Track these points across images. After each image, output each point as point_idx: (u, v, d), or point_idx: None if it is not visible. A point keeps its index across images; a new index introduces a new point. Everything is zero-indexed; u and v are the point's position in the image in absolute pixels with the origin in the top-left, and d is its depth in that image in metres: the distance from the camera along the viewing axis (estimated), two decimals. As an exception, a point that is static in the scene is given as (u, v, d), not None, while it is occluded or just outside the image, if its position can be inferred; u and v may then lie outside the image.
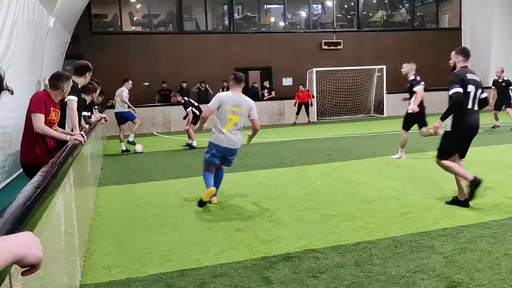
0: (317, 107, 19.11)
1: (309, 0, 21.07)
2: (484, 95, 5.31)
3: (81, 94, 5.65)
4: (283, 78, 20.21)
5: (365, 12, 22.03)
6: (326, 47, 20.39)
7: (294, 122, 17.78)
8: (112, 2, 18.65)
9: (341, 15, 22.11)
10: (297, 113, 17.77)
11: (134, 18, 19.88)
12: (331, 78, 19.45)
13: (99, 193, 6.90)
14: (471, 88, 5.14)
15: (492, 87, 13.55)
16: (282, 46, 20.10)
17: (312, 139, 12.68)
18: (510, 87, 12.98)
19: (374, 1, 23.08)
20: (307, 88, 18.34)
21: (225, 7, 20.61)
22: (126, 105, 11.75)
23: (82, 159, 4.89)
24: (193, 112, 11.32)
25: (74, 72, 5.49)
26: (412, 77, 8.53)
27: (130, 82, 12.23)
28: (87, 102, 6.88)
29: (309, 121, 18.14)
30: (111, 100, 17.40)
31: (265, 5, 22.06)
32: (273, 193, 6.41)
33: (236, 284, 3.47)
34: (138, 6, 20.30)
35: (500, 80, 13.16)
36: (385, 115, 19.45)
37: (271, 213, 5.39)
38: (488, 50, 20.70)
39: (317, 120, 18.88)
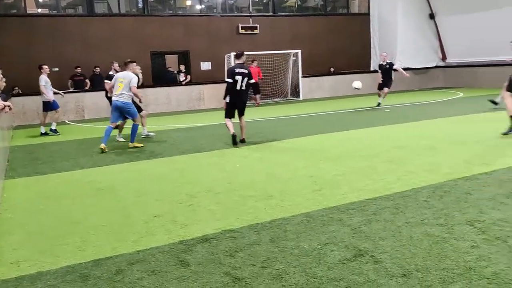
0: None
1: (225, -17, 20.97)
2: (252, 81, 8.86)
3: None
4: (201, 63, 20.02)
5: (280, -3, 22.37)
6: (243, 31, 20.45)
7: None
8: (14, -18, 17.29)
9: (256, 0, 22.27)
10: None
11: (40, 0, 18.59)
12: (248, 63, 19.59)
13: (5, 186, 6.48)
14: (238, 78, 8.62)
15: (378, 70, 15.16)
16: (199, 30, 19.87)
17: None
18: (393, 67, 14.67)
19: (289, -14, 23.48)
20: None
21: (139, -12, 19.91)
22: (48, 93, 11.93)
23: (-17, 150, 4.56)
24: None
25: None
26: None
27: (45, 67, 12.07)
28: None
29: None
30: (16, 88, 16.28)
31: (181, -13, 21.62)
32: (192, 178, 6.41)
33: (153, 269, 3.47)
34: (43, -14, 19.01)
35: (384, 63, 14.76)
36: (301, 98, 20.04)
37: (190, 197, 5.41)
38: (394, 35, 21.96)
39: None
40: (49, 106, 12.04)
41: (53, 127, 12.13)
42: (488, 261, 3.28)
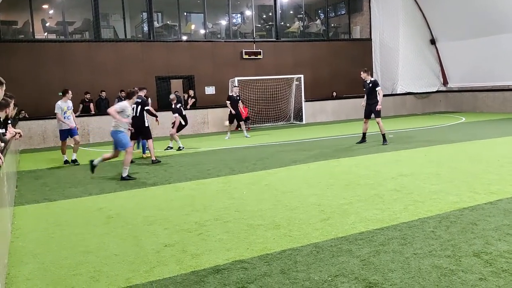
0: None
1: (229, 10, 21.39)
2: (146, 108, 10.94)
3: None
4: (205, 87, 20.30)
5: (282, 23, 22.78)
6: (246, 56, 20.80)
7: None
8: (23, 8, 17.67)
9: (260, 25, 22.68)
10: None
11: (47, 24, 18.97)
12: (252, 87, 19.87)
13: (16, 213, 6.57)
14: (133, 106, 10.02)
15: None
16: (203, 55, 20.21)
17: (236, 148, 12.90)
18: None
19: (291, 12, 23.94)
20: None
21: (144, 14, 20.32)
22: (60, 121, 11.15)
23: (-1, 181, 4.67)
24: (180, 119, 12.76)
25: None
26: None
27: (70, 92, 11.44)
28: (1, 119, 6.52)
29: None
30: (23, 112, 16.48)
31: (185, 13, 22.05)
32: (200, 205, 6.49)
33: (168, 301, 3.52)
34: (51, 12, 19.39)
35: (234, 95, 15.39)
36: (304, 122, 20.22)
37: (199, 226, 5.48)
38: (395, 59, 22.30)
39: (239, 128, 19.13)
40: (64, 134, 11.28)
41: (73, 157, 11.22)
42: (496, 295, 3.34)
